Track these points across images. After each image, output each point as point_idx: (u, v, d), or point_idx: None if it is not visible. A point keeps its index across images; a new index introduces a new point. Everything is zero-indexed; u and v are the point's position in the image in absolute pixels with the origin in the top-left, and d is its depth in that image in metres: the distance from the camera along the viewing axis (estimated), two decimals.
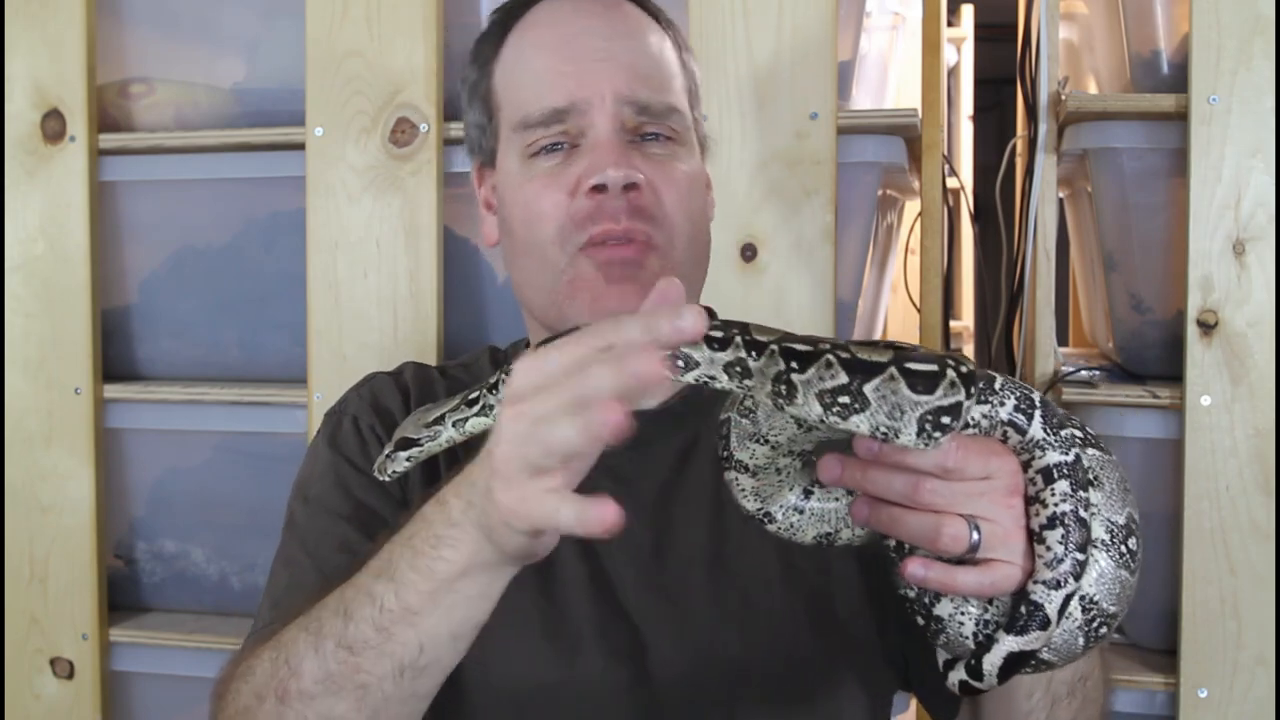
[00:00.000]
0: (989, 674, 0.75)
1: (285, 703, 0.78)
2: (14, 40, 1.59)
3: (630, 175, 0.93)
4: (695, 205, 0.99)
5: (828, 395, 0.66)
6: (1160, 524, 1.43)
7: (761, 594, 0.96)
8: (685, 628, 0.95)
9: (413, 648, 0.75)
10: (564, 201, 0.94)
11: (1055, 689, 0.84)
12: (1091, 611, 0.75)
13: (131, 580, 1.68)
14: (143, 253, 1.65)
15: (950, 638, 0.78)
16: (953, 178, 2.16)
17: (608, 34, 0.97)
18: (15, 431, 1.60)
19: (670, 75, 1.00)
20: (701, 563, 0.96)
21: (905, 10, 1.79)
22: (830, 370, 0.66)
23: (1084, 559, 0.74)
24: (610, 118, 0.95)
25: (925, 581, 0.72)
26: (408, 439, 0.83)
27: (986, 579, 0.71)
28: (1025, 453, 0.74)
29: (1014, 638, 0.74)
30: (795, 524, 0.80)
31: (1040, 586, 0.73)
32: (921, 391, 0.66)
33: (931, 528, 0.70)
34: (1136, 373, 1.53)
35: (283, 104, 1.56)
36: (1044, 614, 0.73)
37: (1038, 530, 0.73)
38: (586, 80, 0.95)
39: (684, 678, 0.94)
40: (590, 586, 0.96)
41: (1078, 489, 0.74)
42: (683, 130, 1.00)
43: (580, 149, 0.95)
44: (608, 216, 0.93)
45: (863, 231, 1.51)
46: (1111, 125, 1.43)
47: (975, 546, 0.71)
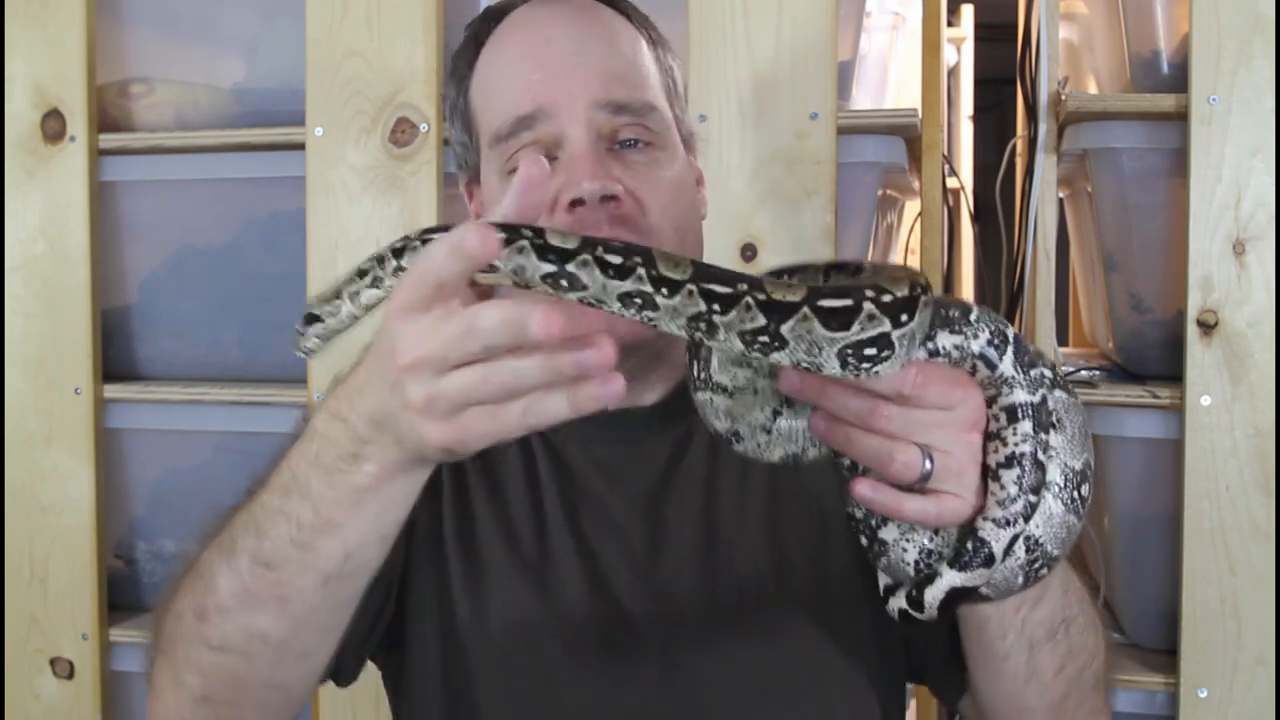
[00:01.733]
0: (929, 606, 0.75)
1: (204, 619, 0.79)
2: (14, 40, 1.59)
3: (607, 187, 0.91)
4: (681, 209, 0.97)
5: (748, 335, 0.66)
6: (1160, 524, 1.43)
7: (755, 590, 0.96)
8: (680, 625, 0.95)
9: (337, 557, 0.75)
10: (545, 220, 0.91)
11: (1031, 632, 0.83)
12: (1035, 553, 0.75)
13: (131, 580, 1.68)
14: (143, 253, 1.65)
15: (892, 562, 0.78)
16: (953, 178, 2.16)
17: (578, 37, 0.96)
18: (15, 431, 1.60)
19: (645, 74, 0.98)
20: (695, 560, 0.96)
21: (905, 10, 1.79)
22: (749, 313, 0.65)
23: (1036, 501, 0.73)
24: (584, 126, 0.93)
25: (872, 504, 0.72)
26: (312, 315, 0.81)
27: (934, 509, 0.71)
28: (992, 388, 0.73)
29: (957, 573, 0.74)
30: (763, 443, 0.79)
31: (989, 524, 0.73)
32: (836, 329, 0.65)
33: (884, 452, 0.69)
34: (1136, 373, 1.53)
35: (283, 104, 1.56)
36: (989, 551, 0.73)
37: (994, 468, 0.73)
38: (556, 86, 0.94)
39: (680, 675, 0.94)
40: (586, 588, 0.96)
41: (1039, 431, 0.73)
42: (662, 131, 0.98)
43: (558, 162, 0.94)
44: (588, 228, 0.91)
45: (863, 231, 1.51)
46: (1111, 125, 1.43)
47: (927, 476, 0.70)
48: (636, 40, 1.00)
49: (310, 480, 0.74)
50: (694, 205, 1.01)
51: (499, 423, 0.64)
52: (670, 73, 1.02)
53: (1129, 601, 1.52)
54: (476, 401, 0.64)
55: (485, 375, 0.63)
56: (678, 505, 0.98)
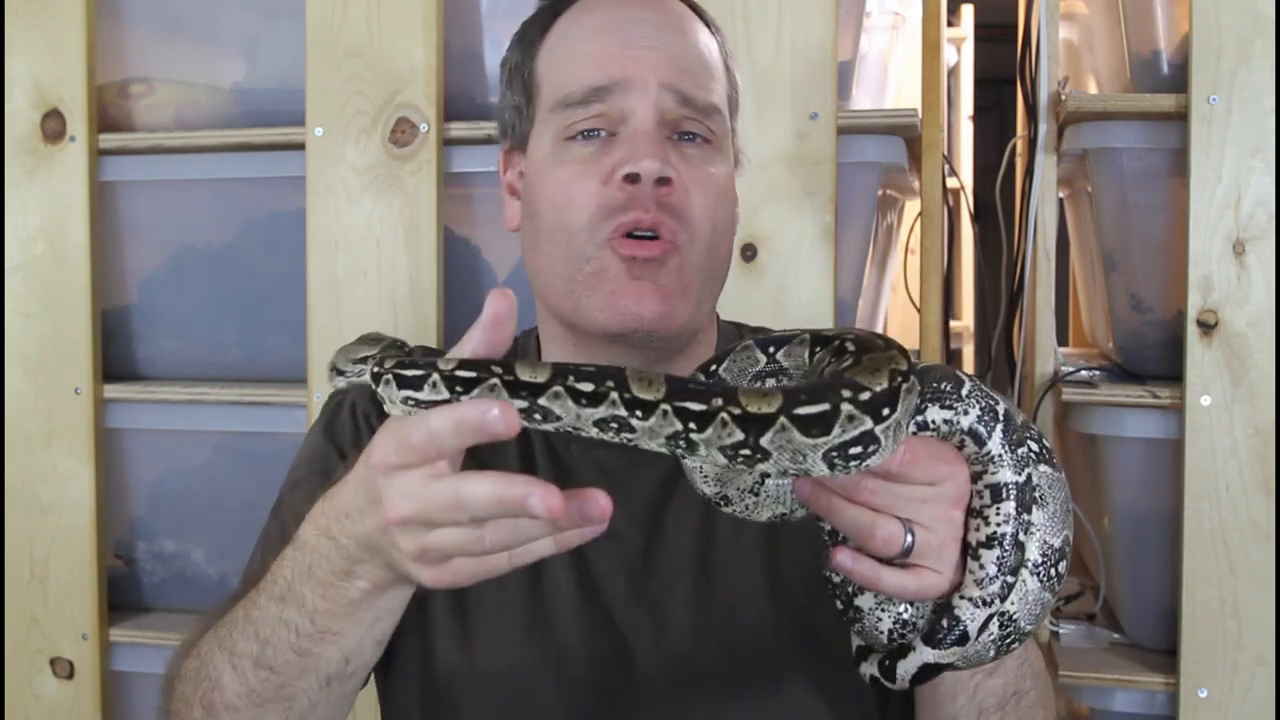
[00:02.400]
0: (901, 679, 0.76)
1: (212, 713, 0.83)
2: (14, 40, 1.59)
3: (665, 168, 0.92)
4: (723, 212, 0.97)
5: (729, 450, 0.65)
6: (1160, 524, 1.43)
7: (747, 607, 0.95)
8: (669, 639, 0.94)
9: (337, 661, 0.79)
10: (597, 190, 0.93)
11: (982, 699, 0.84)
12: (1009, 629, 0.76)
13: (131, 580, 1.68)
14: (143, 253, 1.65)
15: (866, 629, 0.78)
16: (953, 178, 2.16)
17: (658, 25, 0.97)
18: (15, 431, 1.60)
19: (715, 76, 0.99)
20: (688, 574, 0.96)
21: (905, 10, 1.79)
22: (726, 429, 0.65)
23: (1013, 581, 0.74)
24: (652, 106, 0.94)
25: (851, 574, 0.72)
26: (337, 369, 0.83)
27: (912, 584, 0.71)
28: (979, 464, 0.73)
29: (931, 650, 0.74)
30: (751, 505, 0.80)
31: (966, 603, 0.73)
32: (817, 435, 0.64)
33: (866, 526, 0.70)
34: (1136, 373, 1.53)
35: (283, 104, 1.56)
36: (964, 630, 0.74)
37: (974, 546, 0.73)
38: (631, 63, 0.94)
39: (667, 688, 0.93)
40: (578, 594, 0.96)
41: (1022, 511, 0.74)
42: (720, 135, 0.98)
43: (618, 138, 0.94)
44: (639, 205, 0.92)
45: (863, 231, 1.51)
46: (1111, 125, 1.43)
47: (908, 551, 0.70)
48: (711, 44, 1.01)
49: (305, 592, 0.77)
50: (732, 216, 1.01)
51: (487, 567, 0.67)
52: (734, 84, 1.03)
53: (1129, 601, 1.52)
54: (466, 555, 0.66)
55: (479, 536, 0.65)
56: (677, 515, 0.97)
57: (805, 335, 0.76)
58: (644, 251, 0.92)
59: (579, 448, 1.00)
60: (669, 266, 0.93)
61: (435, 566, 0.68)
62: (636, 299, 0.91)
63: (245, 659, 0.81)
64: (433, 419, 0.63)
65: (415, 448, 0.64)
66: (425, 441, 0.64)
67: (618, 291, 0.92)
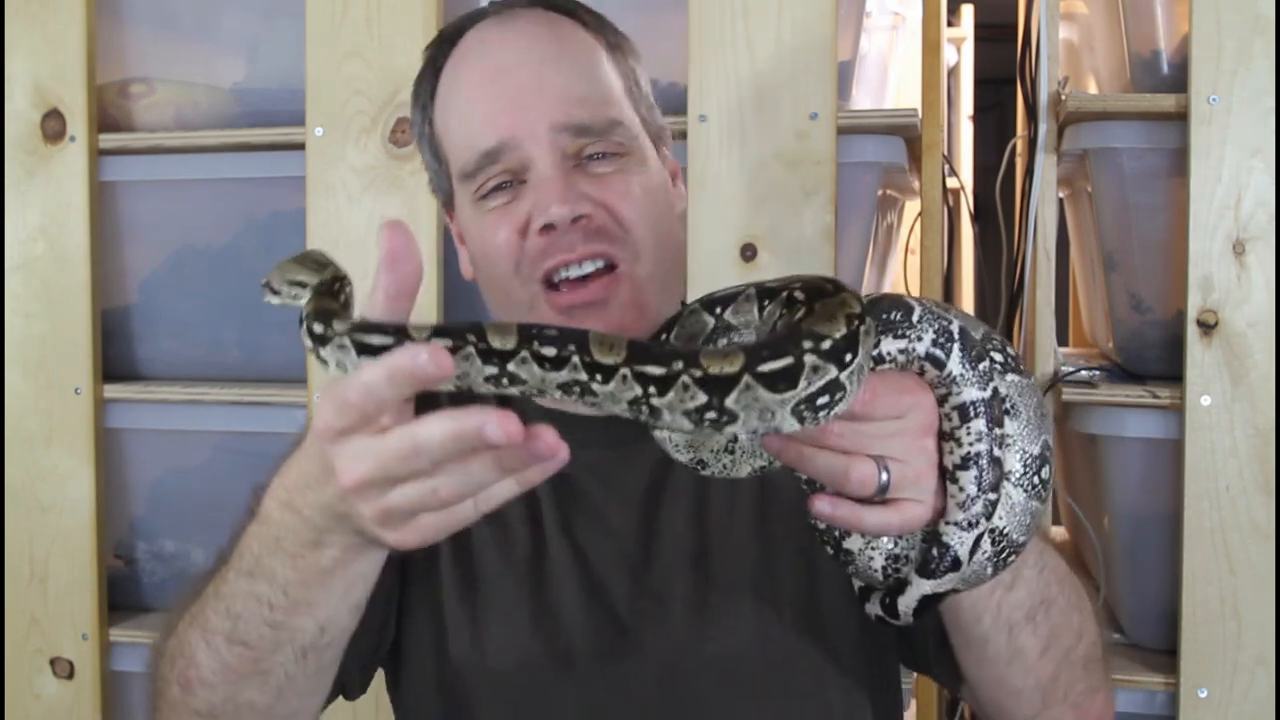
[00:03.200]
0: (904, 614, 0.76)
1: (189, 690, 0.82)
2: (14, 40, 1.59)
3: (576, 208, 0.91)
4: (657, 212, 0.97)
5: (694, 414, 0.64)
6: (1160, 524, 1.43)
7: (746, 593, 0.95)
8: (673, 629, 0.95)
9: (313, 631, 0.78)
10: (516, 241, 0.93)
11: (1009, 615, 0.83)
12: (1001, 543, 0.75)
13: (131, 580, 1.68)
14: (143, 253, 1.65)
15: (859, 570, 0.78)
16: (953, 178, 2.16)
17: (535, 62, 0.95)
18: (15, 431, 1.60)
19: (606, 89, 0.97)
20: (687, 564, 0.96)
21: (905, 10, 1.79)
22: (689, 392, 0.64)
23: (995, 498, 0.73)
24: (548, 150, 0.93)
25: (832, 519, 0.71)
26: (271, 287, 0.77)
27: (895, 519, 0.71)
28: (942, 387, 0.73)
29: (927, 581, 0.74)
30: (728, 464, 0.79)
31: (952, 528, 0.73)
32: (784, 390, 0.64)
33: (839, 469, 0.69)
34: (1136, 373, 1.53)
35: (283, 104, 1.56)
36: (955, 555, 0.73)
37: (950, 469, 0.73)
38: (516, 117, 0.93)
39: (675, 678, 0.94)
40: (582, 591, 0.96)
41: (993, 426, 0.73)
42: (628, 141, 0.97)
43: (527, 184, 0.94)
44: (560, 250, 0.91)
45: (863, 231, 1.51)
46: (1111, 125, 1.43)
47: (885, 488, 0.70)
48: (594, 51, 0.98)
49: (275, 565, 0.76)
50: (669, 206, 1.00)
51: (454, 519, 0.66)
52: (632, 75, 1.01)
53: (1129, 601, 1.52)
54: (429, 510, 0.65)
55: (434, 488, 0.64)
56: (671, 508, 0.98)
57: (750, 290, 0.75)
58: (578, 298, 0.92)
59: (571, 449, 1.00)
60: (619, 297, 0.93)
61: (401, 527, 0.66)
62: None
63: (218, 635, 0.80)
64: (364, 374, 0.62)
65: (355, 406, 0.62)
66: (363, 398, 0.62)
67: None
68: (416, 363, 0.60)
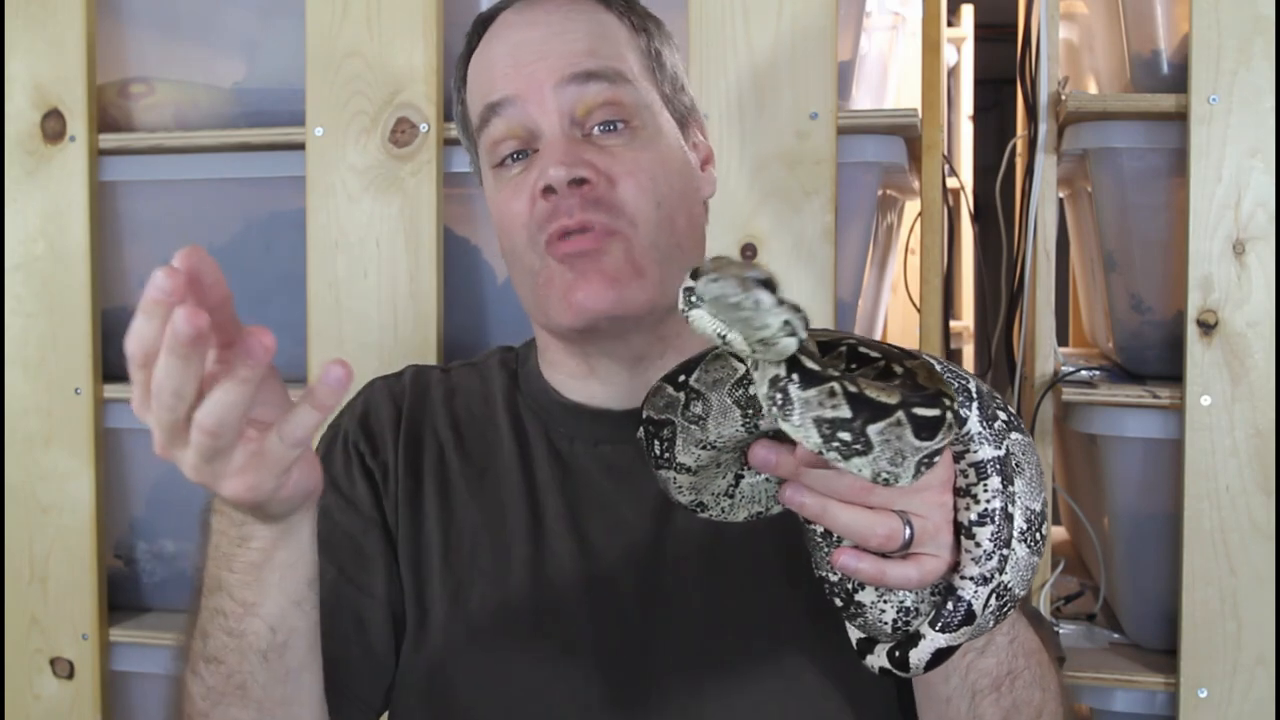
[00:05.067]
0: (915, 667, 0.76)
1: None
2: (14, 40, 1.59)
3: (573, 171, 0.92)
4: (665, 189, 0.97)
5: (826, 425, 0.63)
6: (1160, 524, 1.43)
7: (759, 592, 0.95)
8: (682, 628, 0.94)
9: (264, 632, 0.81)
10: (526, 209, 0.95)
11: (975, 680, 0.84)
12: (1005, 597, 0.76)
13: (131, 580, 1.68)
14: (143, 253, 1.65)
15: (870, 622, 0.78)
16: (953, 178, 2.16)
17: (548, 35, 0.98)
18: (15, 431, 1.60)
19: (616, 48, 0.99)
20: (699, 563, 0.96)
21: (905, 10, 1.79)
22: (834, 400, 0.63)
23: (1008, 553, 0.74)
24: (554, 113, 0.95)
25: (857, 573, 0.71)
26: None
27: (915, 573, 0.71)
28: (959, 444, 0.73)
29: (942, 635, 0.74)
30: (727, 508, 0.80)
31: (968, 582, 0.73)
32: (925, 438, 0.63)
33: (865, 526, 0.69)
34: (1136, 373, 1.53)
35: (283, 104, 1.56)
36: (969, 609, 0.74)
37: (967, 525, 0.73)
38: (522, 78, 0.96)
39: (682, 678, 0.93)
40: (586, 588, 0.96)
41: (1007, 484, 0.74)
42: (639, 109, 0.98)
43: (539, 154, 0.96)
44: (562, 213, 0.93)
45: (863, 231, 1.51)
46: (1111, 125, 1.43)
47: (908, 543, 0.71)
48: (613, 25, 1.01)
49: (220, 573, 0.81)
50: (687, 184, 1.00)
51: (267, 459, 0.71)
52: (656, 56, 1.02)
53: (1129, 601, 1.52)
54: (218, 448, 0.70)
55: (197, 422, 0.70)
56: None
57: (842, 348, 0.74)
58: (575, 246, 0.93)
59: (583, 445, 1.01)
60: (612, 253, 0.94)
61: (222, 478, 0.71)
62: (586, 292, 0.93)
63: (198, 659, 0.84)
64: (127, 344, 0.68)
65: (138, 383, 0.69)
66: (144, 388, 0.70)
67: (568, 289, 0.94)
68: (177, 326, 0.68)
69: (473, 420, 1.04)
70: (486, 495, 1.00)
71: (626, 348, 0.98)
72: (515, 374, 1.07)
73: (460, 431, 1.04)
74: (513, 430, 1.03)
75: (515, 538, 0.98)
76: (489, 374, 1.08)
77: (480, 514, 0.99)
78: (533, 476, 1.00)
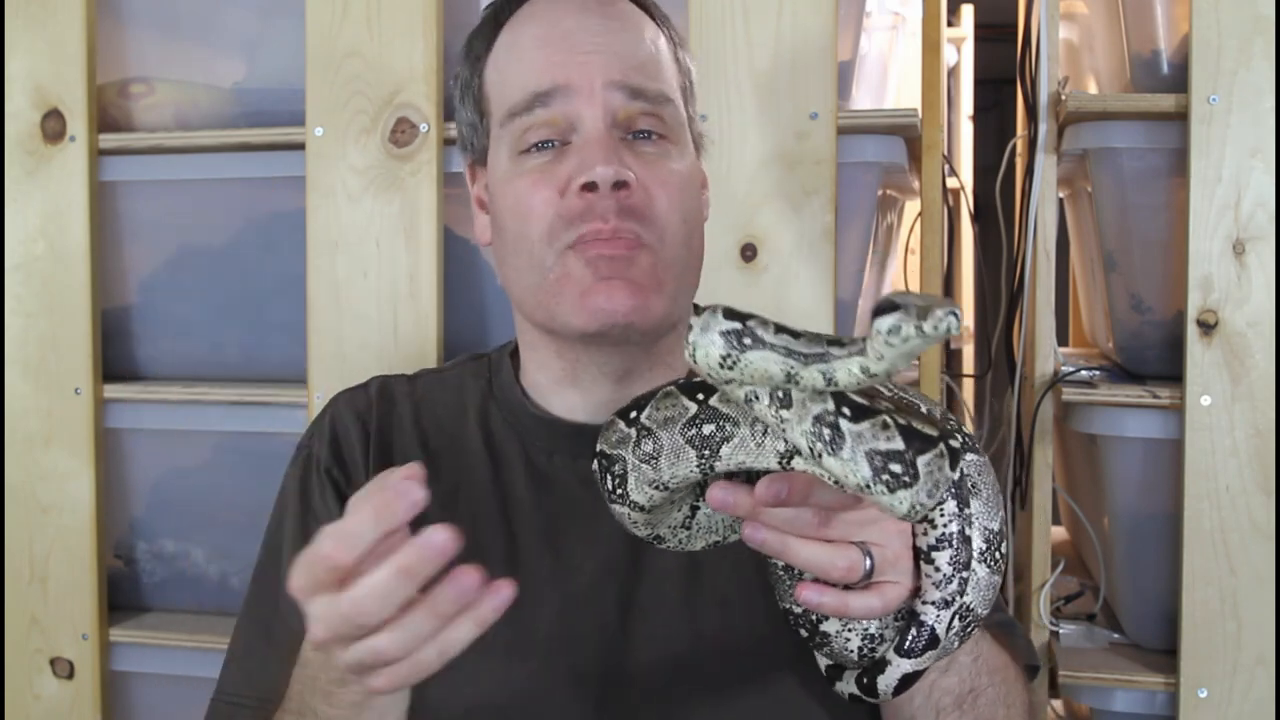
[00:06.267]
0: (884, 693, 0.77)
1: None
2: (14, 40, 1.59)
3: (620, 173, 0.90)
4: (689, 205, 0.97)
5: (879, 458, 0.63)
6: (1160, 524, 1.43)
7: (739, 606, 0.94)
8: (662, 644, 0.93)
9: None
10: (554, 199, 0.93)
11: (938, 699, 0.84)
12: (968, 618, 0.76)
13: (131, 580, 1.68)
14: (143, 253, 1.65)
15: (835, 651, 0.79)
16: (953, 178, 2.16)
17: (600, 29, 0.96)
18: (15, 431, 1.60)
19: (664, 67, 0.98)
20: (678, 578, 0.95)
21: (905, 10, 1.79)
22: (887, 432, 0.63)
23: (968, 575, 0.74)
24: (600, 109, 0.93)
25: (820, 607, 0.72)
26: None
27: (878, 603, 0.72)
28: None
29: (907, 660, 0.75)
30: (684, 539, 0.80)
31: (929, 607, 0.74)
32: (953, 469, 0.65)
33: (826, 559, 0.70)
34: (1136, 373, 1.53)
35: (283, 104, 1.56)
36: (933, 633, 0.74)
37: (926, 550, 0.74)
38: (575, 69, 0.93)
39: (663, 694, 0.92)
40: (564, 606, 0.94)
41: (963, 507, 0.74)
42: (675, 125, 0.98)
43: (571, 146, 0.93)
44: (597, 216, 0.91)
45: (863, 231, 1.51)
46: (1111, 125, 1.43)
47: (869, 573, 0.71)
48: (658, 36, 1.00)
49: (315, 704, 0.81)
50: (700, 206, 1.01)
51: (419, 667, 0.68)
52: (688, 74, 1.03)
53: (1129, 601, 1.52)
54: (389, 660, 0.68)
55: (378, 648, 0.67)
56: None
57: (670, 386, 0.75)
58: (609, 249, 0.91)
59: (562, 460, 0.99)
60: (639, 263, 0.92)
61: (371, 675, 0.69)
62: (607, 295, 0.91)
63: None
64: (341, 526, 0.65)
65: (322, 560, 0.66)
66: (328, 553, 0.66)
67: (587, 291, 0.92)
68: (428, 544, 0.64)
69: (442, 435, 1.03)
70: (459, 513, 0.97)
71: (619, 360, 0.97)
72: (489, 384, 1.05)
73: (430, 448, 1.02)
74: (485, 446, 1.01)
75: (490, 556, 0.96)
76: (460, 384, 1.06)
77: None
78: (507, 493, 0.99)
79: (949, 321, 0.56)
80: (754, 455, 0.70)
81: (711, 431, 0.71)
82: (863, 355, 0.61)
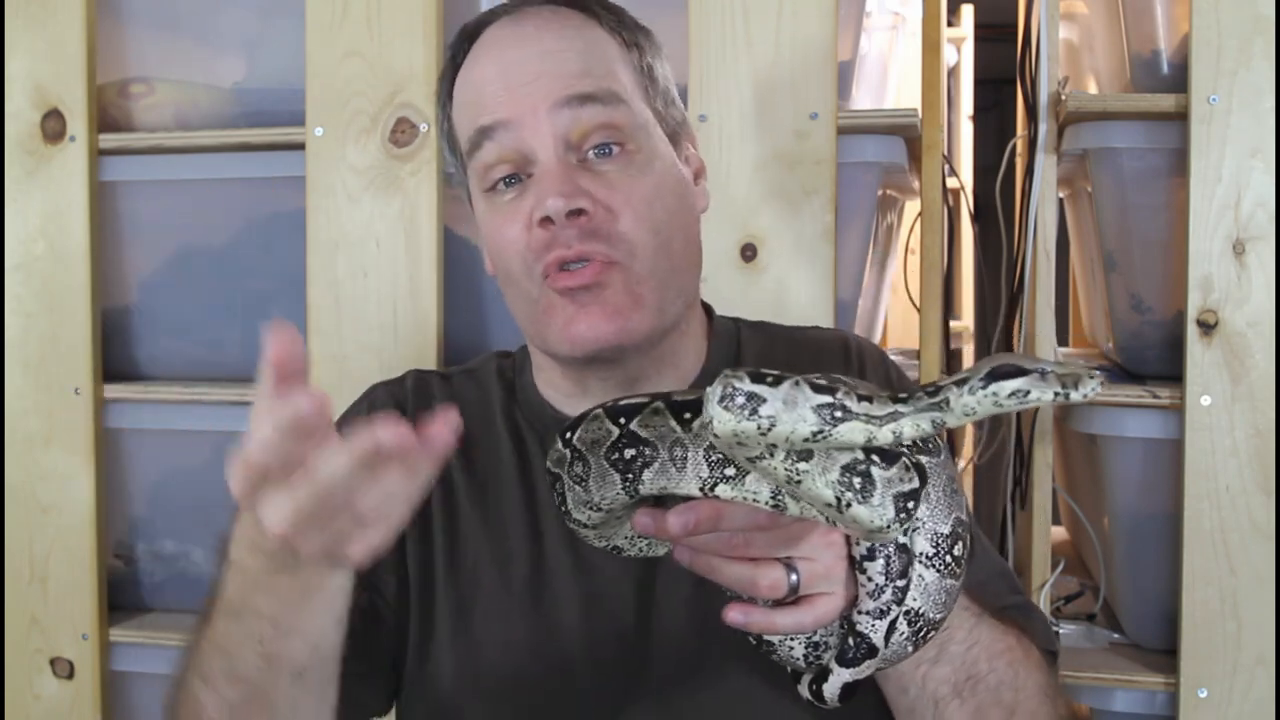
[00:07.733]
0: (830, 700, 0.77)
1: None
2: (14, 40, 1.59)
3: (571, 202, 0.90)
4: (662, 214, 0.95)
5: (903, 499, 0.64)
6: (1160, 524, 1.43)
7: None
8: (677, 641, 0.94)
9: (305, 651, 0.79)
10: (522, 235, 0.93)
11: (934, 689, 0.84)
12: (919, 623, 0.76)
13: (131, 580, 1.68)
14: (143, 253, 1.65)
15: (783, 658, 0.79)
16: (953, 178, 2.16)
17: (541, 54, 0.95)
18: (15, 431, 1.60)
19: (610, 69, 0.97)
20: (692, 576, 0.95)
21: (905, 10, 1.79)
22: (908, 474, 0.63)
23: (905, 584, 0.73)
24: (549, 138, 0.93)
25: (746, 628, 0.73)
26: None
27: (808, 617, 0.72)
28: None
29: (846, 670, 0.75)
30: (644, 547, 0.81)
31: (865, 616, 0.74)
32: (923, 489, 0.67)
33: (749, 578, 0.70)
34: (1136, 373, 1.53)
35: (283, 104, 1.56)
36: (870, 643, 0.74)
37: (859, 560, 0.73)
38: (515, 101, 0.94)
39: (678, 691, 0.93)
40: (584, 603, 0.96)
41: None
42: (634, 129, 0.96)
43: (532, 179, 0.94)
44: (560, 244, 0.91)
45: (863, 231, 1.51)
46: (1111, 125, 1.43)
47: (795, 588, 0.71)
48: (601, 41, 0.98)
49: (257, 601, 0.78)
50: (682, 203, 0.99)
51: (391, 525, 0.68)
52: (648, 72, 1.00)
53: (1129, 601, 1.52)
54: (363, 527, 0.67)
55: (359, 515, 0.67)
56: None
57: (659, 404, 0.73)
58: (576, 280, 0.92)
59: None
60: (613, 284, 0.92)
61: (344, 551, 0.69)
62: (588, 324, 0.92)
63: (218, 677, 0.82)
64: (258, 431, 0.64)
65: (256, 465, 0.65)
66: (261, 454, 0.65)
67: (569, 321, 0.92)
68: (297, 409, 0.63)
69: (473, 432, 1.03)
70: (489, 509, 1.00)
71: (623, 371, 0.97)
72: (512, 385, 1.06)
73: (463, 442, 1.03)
74: (512, 443, 1.02)
75: (516, 552, 0.98)
76: (486, 383, 1.07)
77: (483, 527, 0.99)
78: (533, 491, 1.00)
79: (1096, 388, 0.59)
80: (675, 481, 0.70)
81: (632, 456, 0.72)
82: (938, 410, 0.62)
